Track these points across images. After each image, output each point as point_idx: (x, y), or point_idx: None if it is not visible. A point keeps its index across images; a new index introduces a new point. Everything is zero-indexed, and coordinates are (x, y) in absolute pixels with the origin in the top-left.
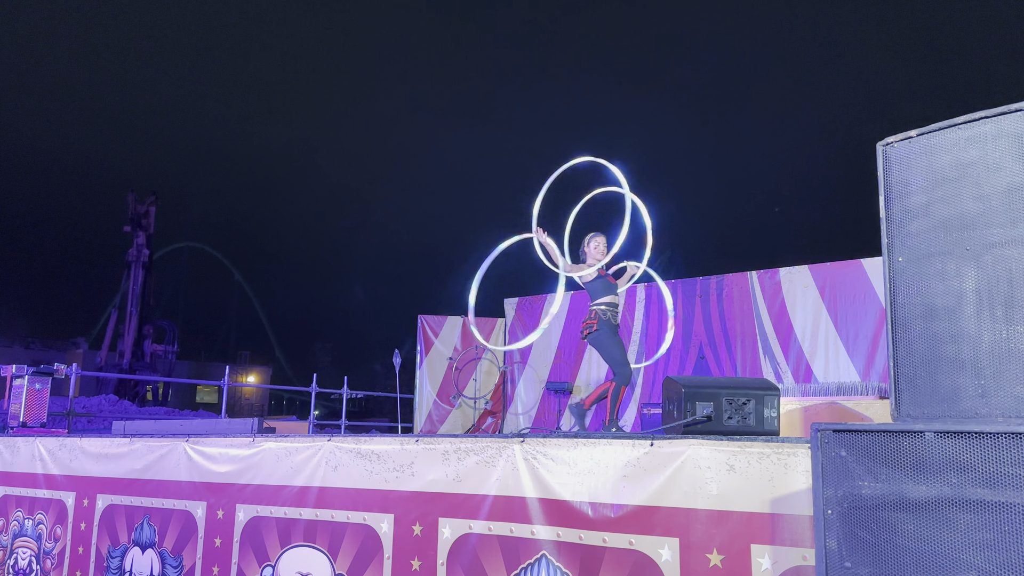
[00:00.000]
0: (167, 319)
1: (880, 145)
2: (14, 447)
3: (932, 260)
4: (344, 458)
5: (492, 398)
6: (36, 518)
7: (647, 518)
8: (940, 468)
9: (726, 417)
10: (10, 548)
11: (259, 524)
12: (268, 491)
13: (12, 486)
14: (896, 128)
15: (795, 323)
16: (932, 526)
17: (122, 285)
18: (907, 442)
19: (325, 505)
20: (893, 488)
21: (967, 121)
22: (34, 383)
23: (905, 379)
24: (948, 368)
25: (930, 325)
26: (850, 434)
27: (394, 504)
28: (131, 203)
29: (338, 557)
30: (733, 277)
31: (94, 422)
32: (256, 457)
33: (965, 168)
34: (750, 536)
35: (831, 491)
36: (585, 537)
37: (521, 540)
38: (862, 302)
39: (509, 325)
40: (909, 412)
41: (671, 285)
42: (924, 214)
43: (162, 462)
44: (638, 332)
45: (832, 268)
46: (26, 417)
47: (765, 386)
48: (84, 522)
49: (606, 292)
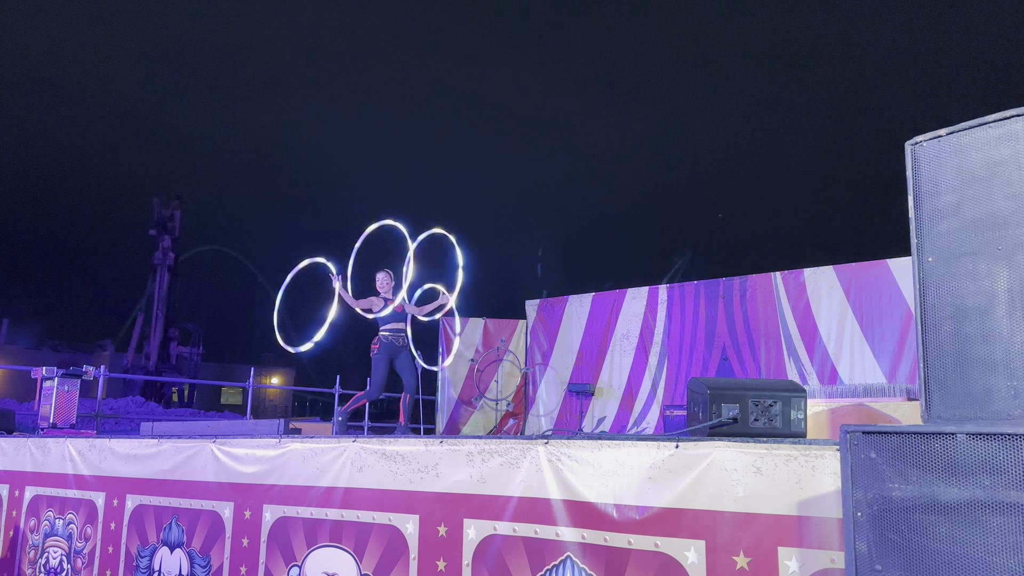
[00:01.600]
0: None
1: (909, 144)
2: (45, 448)
3: (963, 260)
4: (369, 459)
5: (513, 400)
6: (67, 518)
7: (673, 520)
8: (972, 470)
9: (752, 419)
10: (41, 547)
11: (286, 524)
12: (294, 491)
13: (43, 486)
14: (925, 127)
15: (820, 324)
16: (964, 529)
17: (148, 288)
18: (938, 444)
19: (351, 506)
20: (924, 490)
21: (998, 119)
22: (63, 385)
23: (935, 380)
24: (980, 369)
25: (961, 326)
26: (880, 436)
27: (419, 505)
28: (156, 207)
29: (364, 557)
30: (757, 278)
31: (121, 423)
32: (282, 458)
33: (996, 167)
34: (777, 538)
35: (861, 493)
36: (610, 539)
37: (546, 541)
38: (888, 303)
39: (530, 327)
40: (940, 414)
41: (693, 287)
42: (954, 214)
43: (190, 463)
44: (660, 334)
45: (857, 268)
46: (56, 418)
47: (791, 388)
48: (114, 522)
49: (393, 320)
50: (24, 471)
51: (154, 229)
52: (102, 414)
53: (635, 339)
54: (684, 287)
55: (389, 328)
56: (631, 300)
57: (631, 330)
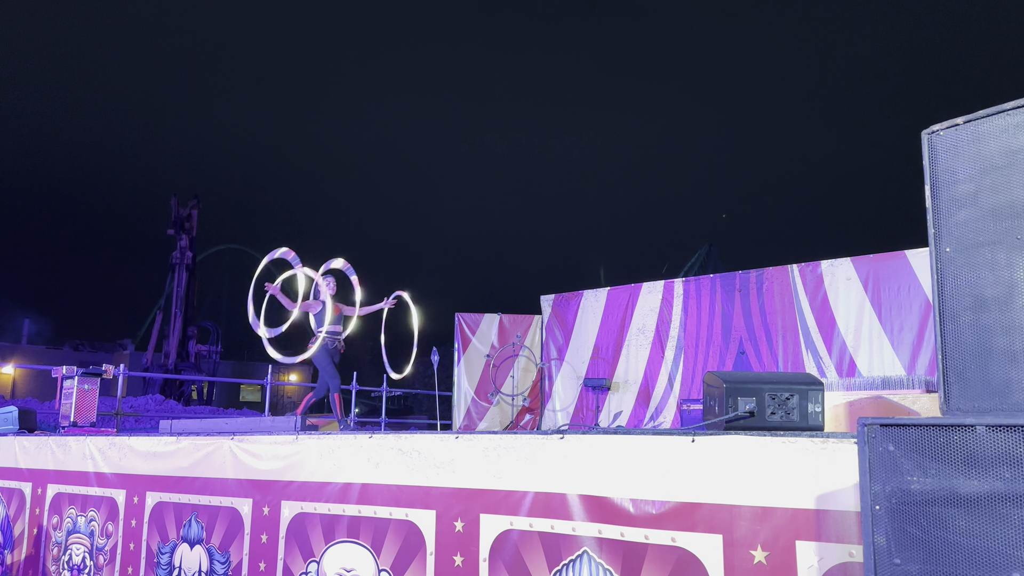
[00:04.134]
0: (210, 320)
1: (925, 133)
2: (66, 446)
3: (981, 250)
4: (386, 455)
5: (530, 395)
6: (88, 515)
7: (690, 514)
8: (992, 462)
9: (769, 412)
10: (64, 544)
11: (304, 520)
12: (312, 488)
13: (65, 484)
14: (942, 116)
15: (838, 317)
16: (984, 521)
17: (166, 287)
18: (957, 436)
19: (368, 501)
20: (943, 483)
21: (1016, 107)
22: (83, 384)
23: (954, 372)
24: (999, 360)
25: (980, 316)
26: (898, 428)
27: (436, 500)
28: (174, 207)
29: (381, 553)
30: (773, 271)
31: (141, 421)
32: (299, 455)
33: (1015, 155)
34: (795, 532)
35: (879, 486)
36: (627, 534)
37: (562, 536)
38: (906, 294)
39: (546, 322)
40: (959, 405)
41: (709, 280)
42: (972, 203)
43: (208, 460)
44: (676, 328)
45: (875, 260)
46: (76, 417)
47: (809, 381)
48: (135, 519)
49: (332, 323)
50: (46, 469)
51: (172, 229)
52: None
53: (651, 333)
54: (700, 280)
55: (328, 331)
56: (647, 294)
57: (647, 324)
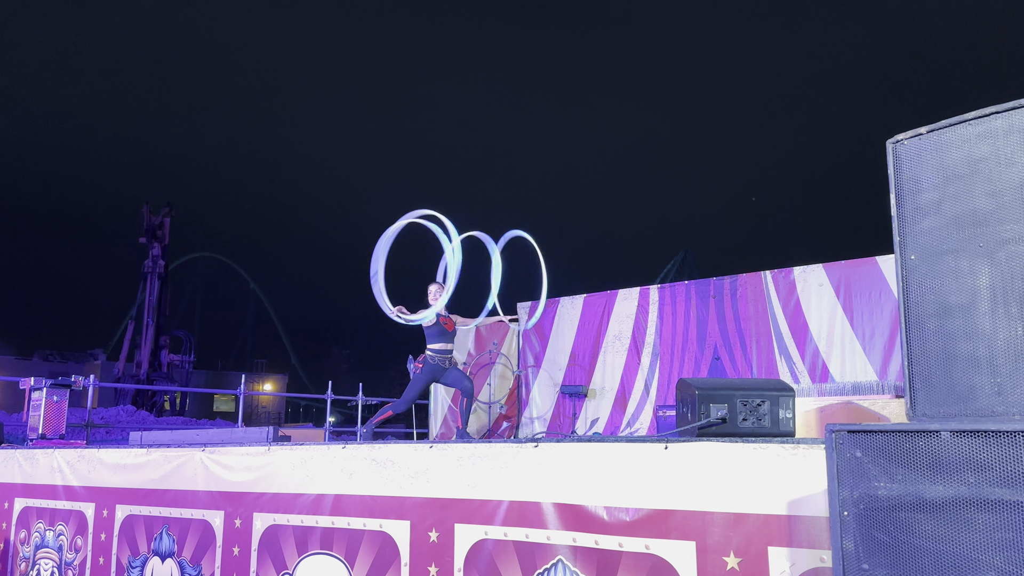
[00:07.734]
0: (183, 329)
1: (890, 143)
2: (34, 459)
3: (945, 257)
4: (359, 465)
5: (507, 402)
6: (57, 529)
7: (663, 522)
8: (957, 468)
9: (741, 419)
10: (32, 559)
11: (276, 532)
12: (284, 499)
13: (33, 498)
14: (907, 125)
15: (811, 322)
16: (950, 526)
17: (138, 296)
18: (923, 442)
19: (341, 512)
20: (910, 488)
21: (978, 116)
22: (52, 395)
23: (920, 378)
24: (963, 366)
25: (944, 323)
26: (865, 435)
27: (410, 510)
28: (146, 215)
29: (355, 564)
30: (747, 277)
31: (112, 433)
32: (271, 466)
33: (976, 164)
34: (767, 538)
35: (847, 492)
36: (601, 542)
37: (537, 545)
38: (878, 300)
39: (522, 330)
40: (925, 411)
41: (684, 287)
42: (936, 211)
43: (179, 472)
44: (652, 334)
45: (847, 266)
46: (45, 429)
47: (780, 387)
48: (104, 533)
49: (440, 339)
50: (13, 483)
51: (144, 237)
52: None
53: (627, 340)
54: (675, 287)
55: (436, 348)
56: (622, 301)
57: (623, 331)
